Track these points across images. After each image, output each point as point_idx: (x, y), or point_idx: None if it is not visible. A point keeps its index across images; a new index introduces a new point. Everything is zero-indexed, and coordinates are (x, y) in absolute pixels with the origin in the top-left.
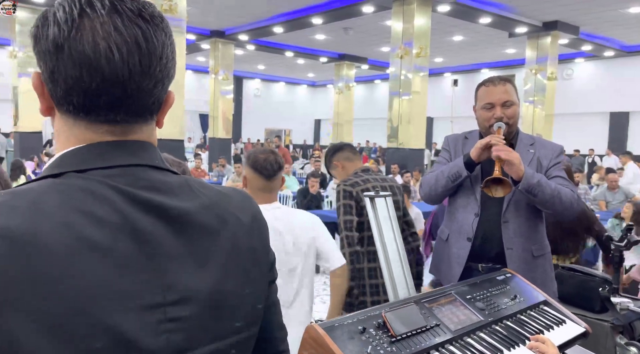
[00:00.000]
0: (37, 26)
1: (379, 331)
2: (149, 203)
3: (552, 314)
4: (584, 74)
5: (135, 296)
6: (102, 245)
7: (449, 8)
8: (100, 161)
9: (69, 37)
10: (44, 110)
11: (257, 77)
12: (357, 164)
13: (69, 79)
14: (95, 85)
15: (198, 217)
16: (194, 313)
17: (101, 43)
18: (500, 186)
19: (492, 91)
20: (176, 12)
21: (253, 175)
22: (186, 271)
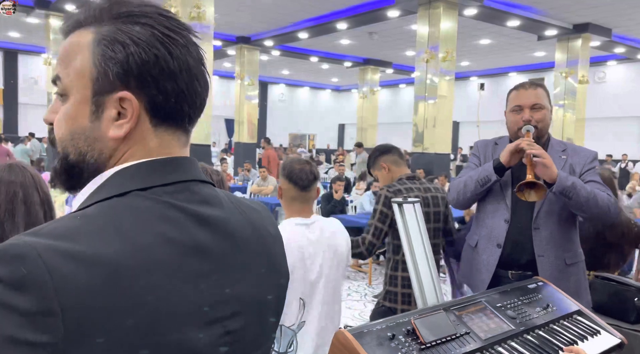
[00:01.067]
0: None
1: (408, 338)
2: (207, 218)
3: (586, 324)
4: (616, 77)
5: (201, 312)
6: (173, 264)
7: (475, 11)
8: (160, 178)
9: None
10: (127, 131)
11: (281, 82)
12: (403, 170)
13: (178, 90)
14: (192, 95)
15: (242, 230)
16: (245, 324)
17: (193, 62)
18: (534, 190)
19: (522, 94)
20: (204, 20)
21: (289, 186)
22: (238, 283)
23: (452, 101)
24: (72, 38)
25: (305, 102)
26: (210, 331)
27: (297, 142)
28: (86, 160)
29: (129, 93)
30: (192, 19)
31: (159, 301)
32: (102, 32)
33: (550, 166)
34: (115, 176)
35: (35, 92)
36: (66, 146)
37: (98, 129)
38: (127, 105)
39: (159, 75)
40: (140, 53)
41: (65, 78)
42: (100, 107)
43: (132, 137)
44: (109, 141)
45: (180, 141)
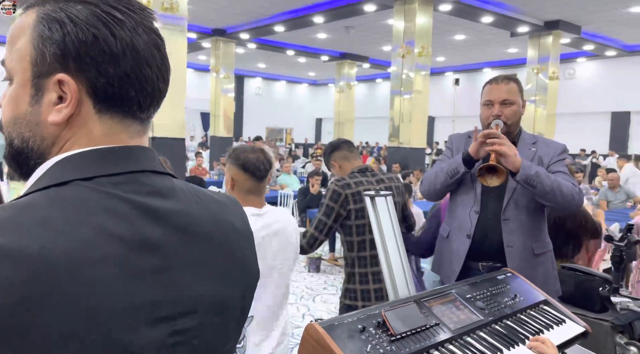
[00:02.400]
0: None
1: (379, 330)
2: (157, 211)
3: (552, 313)
4: (585, 74)
5: (147, 311)
6: (116, 259)
7: (450, 7)
8: (105, 168)
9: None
10: (66, 116)
11: (258, 76)
12: (354, 163)
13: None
14: (141, 81)
15: (200, 224)
16: (199, 323)
17: (143, 45)
18: (496, 175)
19: (494, 89)
20: (177, 11)
21: (244, 176)
22: (193, 280)
23: (427, 96)
24: (18, 20)
25: (282, 96)
26: (156, 331)
27: (274, 136)
28: (29, 146)
29: (66, 76)
30: (165, 10)
31: (94, 297)
32: (43, 10)
33: (513, 155)
34: (56, 165)
35: None
36: (10, 132)
37: (38, 114)
38: (67, 88)
39: (98, 57)
40: (78, 32)
41: (9, 61)
42: (40, 91)
43: (74, 124)
44: (49, 127)
45: (131, 129)
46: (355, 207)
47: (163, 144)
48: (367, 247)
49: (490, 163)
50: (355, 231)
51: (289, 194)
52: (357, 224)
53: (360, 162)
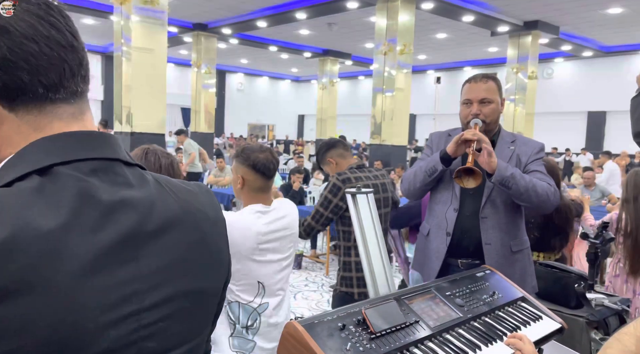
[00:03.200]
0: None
1: (359, 327)
2: (129, 202)
3: (529, 310)
4: (563, 74)
5: (114, 306)
6: (87, 253)
7: (432, 5)
8: (77, 152)
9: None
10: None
11: (240, 71)
12: (350, 161)
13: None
14: (29, 59)
15: (172, 215)
16: (168, 315)
17: (17, 21)
18: (472, 177)
19: (472, 88)
20: (157, 4)
21: (254, 176)
22: (163, 271)
23: (409, 94)
24: None
25: (265, 92)
26: (123, 326)
27: (256, 132)
28: None
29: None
30: (144, 3)
31: (60, 289)
32: None
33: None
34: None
35: None
36: None
37: None
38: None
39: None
40: None
41: None
42: None
43: (22, 118)
44: None
45: (60, 114)
46: None
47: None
48: None
49: (467, 166)
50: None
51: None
52: None
53: (355, 160)
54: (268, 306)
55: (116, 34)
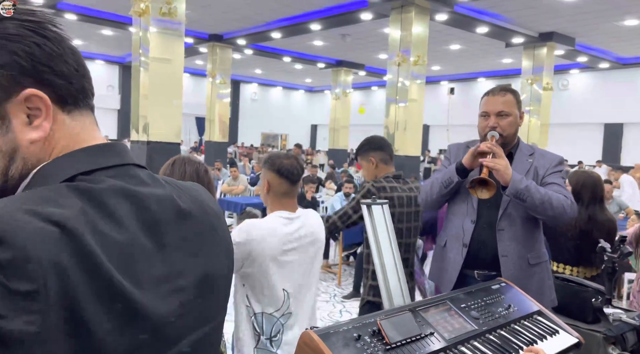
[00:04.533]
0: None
1: (374, 338)
2: (149, 197)
3: (545, 324)
4: (579, 85)
5: (159, 283)
6: (124, 239)
7: (446, 17)
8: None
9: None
10: (47, 128)
11: (254, 82)
12: (389, 169)
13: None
14: (85, 71)
15: (186, 207)
16: (192, 298)
17: (65, 37)
18: (486, 188)
19: (490, 101)
20: (175, 16)
21: (279, 181)
22: (185, 257)
23: (422, 105)
24: None
25: (278, 102)
26: (166, 302)
27: (269, 141)
28: (11, 177)
29: (33, 89)
30: (163, 15)
31: (110, 276)
32: None
33: (503, 170)
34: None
35: None
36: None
37: (13, 141)
38: (36, 102)
39: (49, 61)
40: (22, 47)
41: None
42: (6, 119)
43: (54, 133)
44: (29, 146)
45: (93, 120)
46: None
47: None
48: None
49: (481, 176)
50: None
51: None
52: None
53: (394, 169)
54: (291, 317)
55: (134, 45)
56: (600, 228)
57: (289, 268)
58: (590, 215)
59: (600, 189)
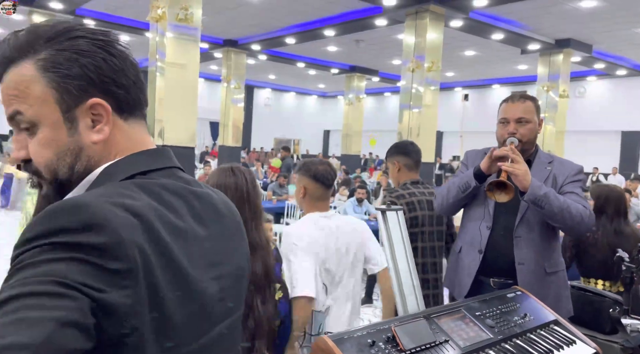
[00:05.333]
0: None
1: (388, 344)
2: (195, 193)
3: (562, 334)
4: (596, 92)
5: (206, 268)
6: (183, 228)
7: (461, 23)
8: (152, 164)
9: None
10: (108, 132)
11: (268, 87)
12: (411, 175)
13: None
14: (142, 84)
15: (222, 206)
16: (230, 285)
17: (127, 53)
18: (504, 191)
19: (509, 108)
20: (192, 22)
21: (315, 185)
22: (225, 248)
23: (436, 111)
24: (11, 76)
25: (291, 107)
26: (212, 285)
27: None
28: (76, 171)
29: (97, 98)
30: (179, 21)
31: (174, 257)
32: (43, 58)
33: (522, 175)
34: (110, 168)
35: None
36: (54, 169)
37: (79, 141)
38: (99, 109)
39: (113, 75)
40: (91, 62)
41: (28, 110)
42: (75, 122)
43: (114, 136)
44: (92, 147)
45: (145, 127)
46: (410, 215)
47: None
48: (419, 255)
49: (500, 179)
50: (414, 224)
51: (297, 205)
52: (410, 231)
53: (417, 176)
54: (328, 310)
55: (151, 50)
56: (627, 241)
57: (328, 262)
58: (616, 229)
59: (624, 202)
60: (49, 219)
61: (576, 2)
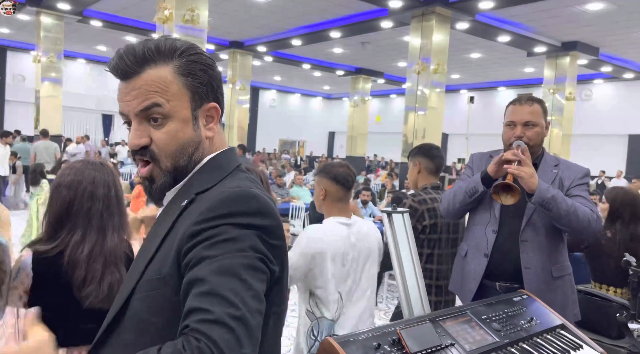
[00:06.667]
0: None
1: (394, 347)
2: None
3: (569, 338)
4: (602, 95)
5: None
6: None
7: (467, 26)
8: (238, 160)
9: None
10: (215, 131)
11: (273, 88)
12: (431, 179)
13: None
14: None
15: None
16: None
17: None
18: (510, 194)
19: (517, 110)
20: (198, 23)
21: (335, 187)
22: None
23: (442, 113)
24: (151, 74)
25: (296, 109)
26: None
27: (286, 148)
28: (193, 159)
29: (214, 103)
30: (185, 22)
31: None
32: (179, 65)
33: (528, 177)
34: (221, 157)
35: (22, 89)
36: (177, 158)
37: (200, 135)
38: (213, 112)
39: (221, 86)
40: (215, 74)
41: (166, 104)
42: (197, 119)
43: (215, 135)
44: (205, 141)
45: (220, 129)
46: (430, 222)
47: None
48: (435, 261)
49: (506, 181)
50: (427, 245)
51: (301, 207)
52: (429, 238)
53: (436, 180)
54: (339, 319)
55: None
56: (635, 248)
57: (345, 271)
58: (632, 234)
59: (636, 206)
60: (230, 204)
61: (583, 4)
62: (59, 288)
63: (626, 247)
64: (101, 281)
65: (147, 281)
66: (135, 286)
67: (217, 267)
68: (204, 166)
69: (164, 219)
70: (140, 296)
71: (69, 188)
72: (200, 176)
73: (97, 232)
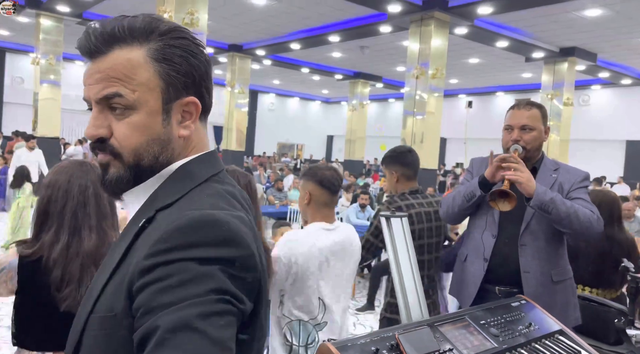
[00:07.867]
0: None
1: (392, 352)
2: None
3: (567, 344)
4: (600, 101)
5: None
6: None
7: (466, 31)
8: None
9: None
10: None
11: (272, 92)
12: (410, 185)
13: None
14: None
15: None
16: None
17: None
18: (507, 200)
19: (515, 114)
20: (197, 26)
21: (321, 191)
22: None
23: (440, 117)
24: (117, 57)
25: (295, 113)
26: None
27: (285, 151)
28: (159, 161)
29: (194, 98)
30: (185, 25)
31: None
32: (155, 48)
33: (526, 182)
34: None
35: (21, 91)
36: (140, 153)
37: (170, 133)
38: (192, 108)
39: (206, 79)
40: (199, 64)
41: (130, 94)
42: (169, 114)
43: (193, 134)
44: (178, 140)
45: (204, 130)
46: None
47: None
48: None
49: (501, 188)
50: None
51: (296, 210)
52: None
53: (416, 184)
54: (327, 325)
55: None
56: (620, 248)
57: (326, 278)
58: (608, 235)
59: (618, 207)
60: (187, 232)
61: (581, 10)
62: (39, 289)
63: (601, 248)
64: (80, 283)
65: (99, 318)
66: (87, 319)
67: (171, 322)
68: (174, 173)
69: (123, 237)
70: (93, 334)
71: (47, 187)
72: (165, 186)
73: (70, 232)
